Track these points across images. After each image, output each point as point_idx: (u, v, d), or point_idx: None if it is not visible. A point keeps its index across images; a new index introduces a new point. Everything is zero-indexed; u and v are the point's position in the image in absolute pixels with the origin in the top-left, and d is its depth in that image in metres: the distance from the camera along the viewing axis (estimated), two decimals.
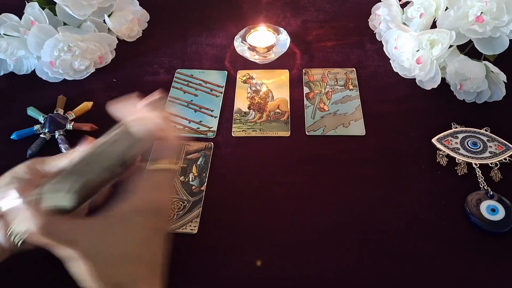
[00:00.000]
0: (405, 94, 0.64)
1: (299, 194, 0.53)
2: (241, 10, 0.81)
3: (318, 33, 0.76)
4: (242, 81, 0.68)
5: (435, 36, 0.58)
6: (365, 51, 0.72)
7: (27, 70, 0.69)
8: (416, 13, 0.61)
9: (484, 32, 0.56)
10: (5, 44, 0.65)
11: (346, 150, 0.58)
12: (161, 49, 0.74)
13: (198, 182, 0.55)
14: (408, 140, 0.58)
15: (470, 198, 0.51)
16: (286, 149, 0.58)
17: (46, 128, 0.60)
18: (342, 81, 0.67)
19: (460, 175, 0.54)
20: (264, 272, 0.46)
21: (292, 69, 0.69)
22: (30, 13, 0.67)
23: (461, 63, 0.59)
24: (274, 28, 0.72)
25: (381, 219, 0.50)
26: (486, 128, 0.58)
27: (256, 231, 0.50)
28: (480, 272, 0.46)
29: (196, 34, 0.77)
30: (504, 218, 0.48)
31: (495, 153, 0.55)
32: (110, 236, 0.35)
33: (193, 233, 0.50)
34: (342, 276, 0.46)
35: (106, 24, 0.71)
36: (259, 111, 0.63)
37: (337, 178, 0.54)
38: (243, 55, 0.70)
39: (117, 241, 0.35)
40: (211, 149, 0.58)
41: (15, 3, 0.72)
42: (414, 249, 0.47)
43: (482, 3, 0.55)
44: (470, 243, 0.48)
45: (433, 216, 0.50)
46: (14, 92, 0.67)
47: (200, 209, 0.52)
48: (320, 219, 0.51)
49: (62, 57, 0.65)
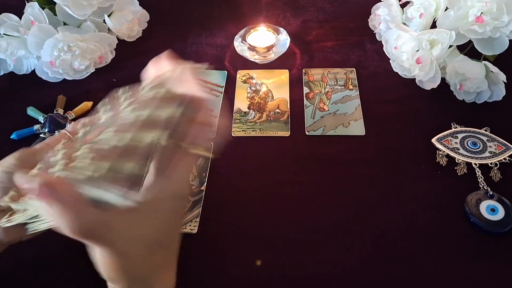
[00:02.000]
0: (405, 94, 0.64)
1: (299, 194, 0.53)
2: (241, 10, 0.81)
3: (318, 33, 0.76)
4: (242, 81, 0.68)
5: (435, 36, 0.58)
6: (365, 51, 0.72)
7: (27, 70, 0.69)
8: (416, 13, 0.61)
9: (484, 33, 0.56)
10: (5, 44, 0.65)
11: (346, 150, 0.58)
12: (161, 49, 0.73)
13: (198, 182, 0.55)
14: (408, 140, 0.58)
15: (470, 198, 0.51)
16: (286, 149, 0.58)
17: (46, 128, 0.60)
18: (342, 81, 0.67)
19: (460, 175, 0.54)
20: (264, 272, 0.46)
21: (292, 69, 0.69)
22: (30, 13, 0.67)
23: (461, 63, 0.59)
24: (274, 28, 0.72)
25: (381, 219, 0.50)
26: (485, 128, 0.58)
27: (256, 231, 0.50)
28: (480, 272, 0.46)
29: (196, 34, 0.77)
30: (504, 218, 0.48)
31: (494, 153, 0.55)
32: (144, 227, 0.32)
33: (193, 233, 0.50)
34: (342, 276, 0.46)
35: (106, 24, 0.71)
36: (259, 111, 0.63)
37: (337, 178, 0.54)
38: (243, 55, 0.70)
39: (150, 230, 0.32)
40: (211, 149, 0.58)
41: (15, 3, 0.72)
42: (414, 249, 0.47)
43: (482, 3, 0.55)
44: (470, 243, 0.48)
45: (433, 216, 0.50)
46: (14, 92, 0.67)
47: (200, 209, 0.52)
48: (320, 219, 0.51)
49: (62, 57, 0.65)
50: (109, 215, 0.30)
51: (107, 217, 0.30)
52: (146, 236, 0.32)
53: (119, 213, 0.31)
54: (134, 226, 0.31)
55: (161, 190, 0.33)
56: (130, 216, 0.31)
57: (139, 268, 0.33)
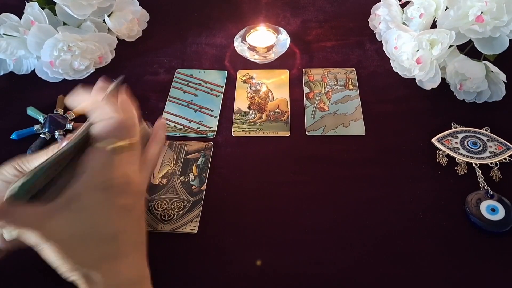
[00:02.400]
0: (405, 94, 0.64)
1: (299, 194, 0.53)
2: (241, 10, 0.81)
3: (318, 33, 0.76)
4: (242, 81, 0.68)
5: (435, 36, 0.58)
6: (365, 51, 0.72)
7: (27, 70, 0.69)
8: (416, 13, 0.61)
9: (484, 32, 0.56)
10: (5, 44, 0.65)
11: (346, 150, 0.58)
12: (161, 49, 0.74)
13: (198, 182, 0.55)
14: (408, 140, 0.58)
15: (470, 198, 0.51)
16: (286, 149, 0.58)
17: (46, 128, 0.60)
18: (342, 81, 0.67)
19: (460, 175, 0.54)
20: (264, 272, 0.46)
21: (292, 69, 0.69)
22: (30, 13, 0.67)
23: (461, 63, 0.59)
24: (274, 28, 0.72)
25: (381, 219, 0.50)
26: (486, 128, 0.58)
27: (256, 231, 0.50)
28: (480, 272, 0.45)
29: (196, 34, 0.77)
30: (504, 218, 0.48)
31: (495, 153, 0.55)
32: (71, 216, 0.35)
33: (193, 233, 0.50)
34: (342, 276, 0.46)
35: (106, 24, 0.71)
36: (259, 111, 0.63)
37: (337, 178, 0.54)
38: (243, 55, 0.70)
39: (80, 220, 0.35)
40: (211, 149, 0.58)
41: (15, 3, 0.72)
42: (414, 249, 0.47)
43: (482, 3, 0.55)
44: (470, 243, 0.48)
45: (433, 216, 0.50)
46: (14, 92, 0.67)
47: (200, 209, 0.52)
48: (320, 219, 0.51)
49: (62, 57, 0.65)
50: (31, 205, 0.35)
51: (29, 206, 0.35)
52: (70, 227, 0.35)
53: (42, 204, 0.35)
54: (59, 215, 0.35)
55: (77, 183, 0.36)
56: (52, 205, 0.35)
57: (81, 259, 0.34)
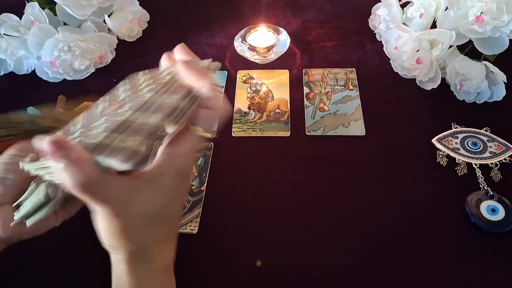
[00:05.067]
0: (405, 94, 0.64)
1: (299, 194, 0.53)
2: (241, 10, 0.81)
3: (318, 33, 0.76)
4: (242, 81, 0.68)
5: (435, 36, 0.58)
6: (365, 51, 0.72)
7: (27, 70, 0.69)
8: (416, 13, 0.61)
9: (484, 32, 0.56)
10: (5, 44, 0.65)
11: (346, 150, 0.58)
12: (161, 49, 0.73)
13: (198, 182, 0.55)
14: (408, 140, 0.58)
15: (470, 198, 0.51)
16: (286, 149, 0.58)
17: None
18: (342, 81, 0.67)
19: (460, 175, 0.54)
20: (264, 272, 0.46)
21: (292, 69, 0.69)
22: (30, 13, 0.67)
23: (461, 63, 0.59)
24: (274, 28, 0.72)
25: (381, 219, 0.50)
26: (486, 128, 0.58)
27: (256, 231, 0.50)
28: (480, 272, 0.45)
29: (196, 34, 0.77)
30: (504, 218, 0.48)
31: (495, 153, 0.55)
32: (142, 196, 0.33)
33: (193, 233, 0.50)
34: (342, 276, 0.46)
35: (106, 24, 0.71)
36: (259, 111, 0.63)
37: (337, 178, 0.54)
38: (243, 55, 0.70)
39: (148, 201, 0.33)
40: (211, 149, 0.58)
41: (15, 3, 0.72)
42: (414, 249, 0.47)
43: (482, 3, 0.55)
44: (470, 243, 0.48)
45: (433, 216, 0.50)
46: (14, 92, 0.67)
47: (200, 209, 0.52)
48: (320, 219, 0.51)
49: (62, 57, 0.65)
50: (109, 175, 0.32)
51: (107, 176, 0.31)
52: (145, 207, 0.33)
53: (119, 176, 0.32)
54: (133, 193, 0.32)
55: (162, 164, 0.34)
56: (129, 181, 0.32)
57: (138, 237, 0.33)
